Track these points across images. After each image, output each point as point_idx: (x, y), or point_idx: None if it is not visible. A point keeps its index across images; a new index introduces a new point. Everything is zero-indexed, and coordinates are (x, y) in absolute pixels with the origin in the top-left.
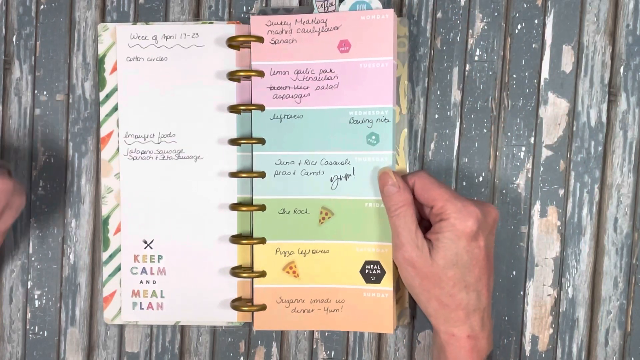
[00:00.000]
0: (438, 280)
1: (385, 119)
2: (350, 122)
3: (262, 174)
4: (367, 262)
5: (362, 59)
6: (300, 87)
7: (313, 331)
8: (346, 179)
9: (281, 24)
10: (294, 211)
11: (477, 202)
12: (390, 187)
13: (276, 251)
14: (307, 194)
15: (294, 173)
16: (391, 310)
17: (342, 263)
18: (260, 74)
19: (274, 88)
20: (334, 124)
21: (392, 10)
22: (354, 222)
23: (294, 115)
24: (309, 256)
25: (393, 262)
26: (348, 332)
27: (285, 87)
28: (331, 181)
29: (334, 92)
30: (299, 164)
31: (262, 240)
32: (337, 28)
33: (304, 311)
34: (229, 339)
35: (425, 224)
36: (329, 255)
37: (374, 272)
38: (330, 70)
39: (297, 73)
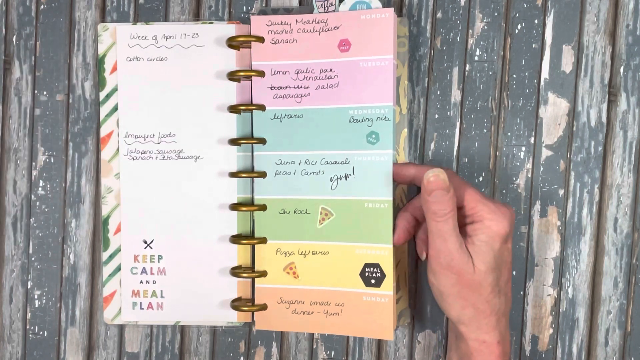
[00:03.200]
0: (478, 287)
1: (385, 118)
2: (350, 121)
3: (262, 174)
4: (366, 265)
5: (362, 57)
6: (301, 87)
7: None
8: (346, 179)
9: (281, 23)
10: (294, 211)
11: (503, 203)
12: (443, 192)
13: (277, 251)
14: (307, 194)
15: (294, 173)
16: (391, 315)
17: (342, 265)
18: (261, 74)
19: (274, 88)
20: (334, 123)
21: (392, 9)
22: (353, 223)
23: (295, 115)
24: (308, 257)
25: (393, 264)
26: None
27: (286, 87)
28: (331, 181)
29: (334, 91)
30: (299, 163)
31: (263, 240)
32: (337, 28)
33: (304, 313)
34: (229, 339)
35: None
36: (328, 257)
37: (374, 275)
38: (331, 70)
39: (298, 73)
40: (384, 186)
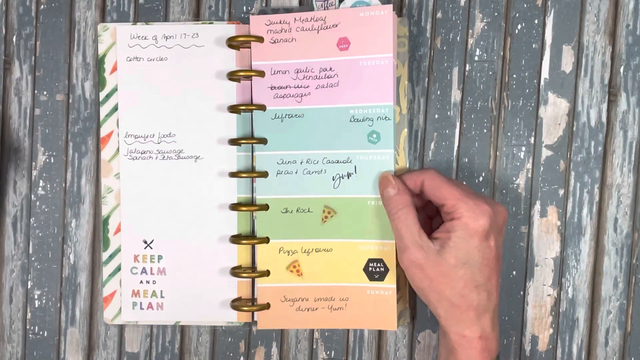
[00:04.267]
0: (448, 280)
1: (385, 117)
2: (351, 121)
3: (264, 174)
4: (370, 260)
5: (362, 56)
6: (301, 86)
7: (313, 331)
8: (348, 178)
9: (280, 23)
10: (297, 210)
11: (488, 201)
12: (390, 190)
13: (279, 250)
14: (309, 193)
15: (295, 172)
16: (394, 306)
17: (346, 261)
18: (261, 73)
19: (274, 87)
20: (334, 122)
21: (390, 6)
22: (356, 220)
23: (295, 115)
24: (312, 255)
25: (396, 260)
26: (348, 331)
27: (286, 87)
28: (333, 180)
29: (334, 90)
30: (301, 163)
31: (265, 240)
32: (336, 25)
33: (308, 309)
34: (229, 339)
35: (436, 222)
36: (332, 254)
37: (377, 269)
38: (330, 69)
39: (298, 72)
40: None
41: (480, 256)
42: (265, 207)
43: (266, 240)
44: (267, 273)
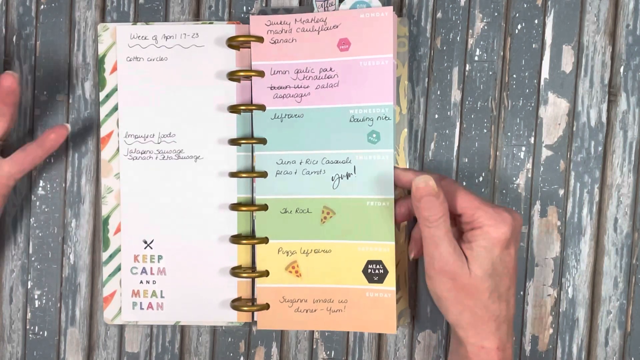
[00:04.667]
0: (475, 292)
1: (386, 117)
2: (350, 121)
3: (263, 174)
4: (369, 262)
5: (362, 57)
6: (301, 87)
7: (313, 331)
8: (347, 178)
9: (281, 23)
10: (296, 211)
11: (506, 208)
12: (432, 199)
13: (279, 251)
14: (308, 194)
15: (295, 172)
16: (394, 309)
17: (345, 263)
18: (261, 73)
19: (274, 88)
20: (334, 122)
21: (391, 7)
22: (355, 221)
23: (295, 115)
24: (311, 256)
25: (395, 261)
26: (348, 332)
27: (286, 87)
28: (332, 180)
29: (334, 90)
30: (300, 163)
31: (265, 240)
32: (337, 26)
33: (307, 311)
34: (229, 339)
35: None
36: (331, 255)
37: (377, 271)
38: (330, 69)
39: (298, 72)
40: (385, 185)
41: (502, 266)
42: (264, 207)
43: (265, 240)
44: (266, 273)
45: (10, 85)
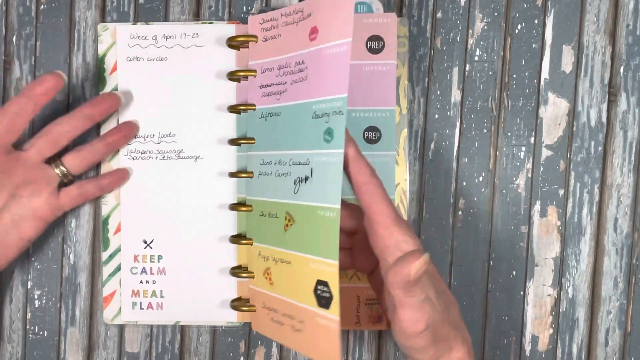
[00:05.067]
0: (441, 324)
1: (340, 112)
2: (313, 117)
3: (251, 175)
4: (318, 282)
5: (325, 44)
6: (280, 83)
7: None
8: (305, 182)
9: (270, 20)
10: (268, 215)
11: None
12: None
13: (259, 254)
14: (275, 197)
15: (271, 174)
16: (338, 343)
17: (301, 278)
18: (255, 73)
19: (263, 86)
20: (300, 120)
21: None
22: (308, 232)
23: (275, 113)
24: (278, 265)
25: (339, 288)
26: (348, 331)
27: (271, 85)
28: (294, 184)
29: (303, 85)
30: (275, 164)
31: (250, 242)
32: (310, 15)
33: (279, 322)
34: (229, 339)
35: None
36: (291, 268)
37: (324, 294)
38: (302, 62)
39: (280, 68)
40: (332, 191)
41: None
42: (251, 209)
43: (251, 242)
44: (254, 276)
45: (53, 87)
